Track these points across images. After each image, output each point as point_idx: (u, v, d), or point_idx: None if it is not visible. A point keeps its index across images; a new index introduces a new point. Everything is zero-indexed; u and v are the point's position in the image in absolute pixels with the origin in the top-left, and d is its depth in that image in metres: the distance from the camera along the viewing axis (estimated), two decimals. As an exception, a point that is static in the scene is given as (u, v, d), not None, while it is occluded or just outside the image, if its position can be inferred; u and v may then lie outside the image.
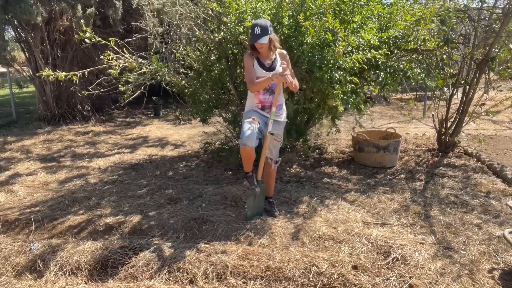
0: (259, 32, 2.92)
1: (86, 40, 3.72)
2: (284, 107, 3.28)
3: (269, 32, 2.96)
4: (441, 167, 4.58)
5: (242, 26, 3.76)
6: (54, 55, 7.95)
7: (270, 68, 3.08)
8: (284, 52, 3.19)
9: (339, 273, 2.39)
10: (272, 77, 2.95)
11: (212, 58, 4.54)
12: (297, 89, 3.16)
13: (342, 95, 3.69)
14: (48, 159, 5.48)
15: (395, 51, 4.33)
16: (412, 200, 3.65)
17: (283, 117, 3.25)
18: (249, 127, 2.98)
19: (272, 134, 3.12)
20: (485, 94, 4.95)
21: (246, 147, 2.96)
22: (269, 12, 3.82)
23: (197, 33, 4.48)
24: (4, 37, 7.34)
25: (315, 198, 3.67)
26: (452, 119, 4.97)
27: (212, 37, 4.14)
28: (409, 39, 4.20)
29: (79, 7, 7.19)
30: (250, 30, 3.05)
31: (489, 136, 6.15)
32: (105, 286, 2.41)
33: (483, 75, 4.77)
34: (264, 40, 2.94)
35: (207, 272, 2.47)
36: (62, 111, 8.24)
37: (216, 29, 4.27)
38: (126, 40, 4.89)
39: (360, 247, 2.72)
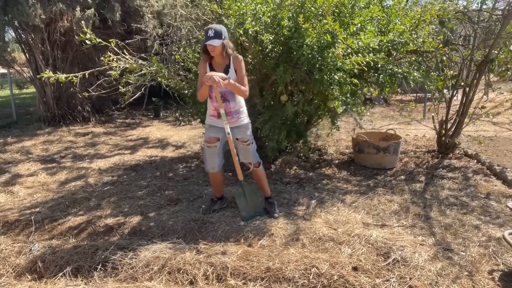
0: (212, 35, 2.93)
1: (87, 41, 3.73)
2: (243, 110, 3.24)
3: (223, 37, 2.98)
4: (441, 169, 4.59)
5: (242, 28, 3.77)
6: (54, 56, 7.96)
7: None
8: (239, 56, 3.13)
9: (339, 274, 2.39)
10: (203, 79, 2.97)
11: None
12: (246, 96, 3.14)
13: (341, 97, 3.70)
14: (48, 160, 5.48)
15: (394, 54, 4.33)
16: (412, 202, 3.65)
17: (241, 120, 3.23)
18: (208, 152, 3.26)
19: (234, 136, 3.18)
20: (484, 96, 4.96)
21: (210, 172, 3.35)
22: (269, 14, 3.82)
23: (197, 34, 4.49)
24: (4, 38, 7.35)
25: (315, 199, 3.68)
26: (452, 121, 4.97)
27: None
28: (408, 41, 4.20)
29: (78, 8, 7.21)
30: (204, 34, 3.06)
31: (489, 138, 6.15)
32: (105, 287, 2.41)
33: (483, 77, 4.78)
34: (215, 43, 2.94)
35: (207, 273, 2.47)
36: (62, 112, 8.25)
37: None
38: (127, 41, 4.89)
39: (360, 248, 2.72)
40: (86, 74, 3.88)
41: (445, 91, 5.04)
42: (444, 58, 4.72)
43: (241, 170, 3.30)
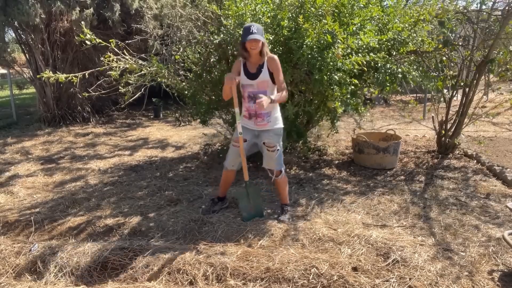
0: (255, 31, 2.89)
1: (87, 42, 3.73)
2: (275, 114, 3.15)
3: (263, 35, 2.95)
4: (440, 169, 4.59)
5: (242, 29, 3.77)
6: (54, 57, 7.96)
7: (253, 75, 3.03)
8: (274, 56, 3.07)
9: (339, 275, 2.39)
10: (225, 80, 2.98)
11: (212, 60, 4.55)
12: (284, 100, 3.08)
13: (341, 97, 3.70)
14: (48, 161, 5.48)
15: (394, 53, 4.34)
16: (411, 202, 3.65)
17: (271, 124, 3.13)
18: (232, 150, 3.24)
19: (261, 140, 3.15)
20: (484, 96, 4.96)
21: (227, 169, 3.32)
22: (269, 14, 3.83)
23: (196, 35, 4.49)
24: (4, 38, 7.35)
25: (315, 200, 3.68)
26: (452, 121, 4.97)
27: (212, 39, 4.15)
28: (407, 40, 4.21)
29: (77, 8, 7.21)
30: (242, 32, 2.99)
31: (489, 138, 6.16)
32: (105, 287, 2.41)
33: (483, 77, 4.78)
34: (259, 37, 2.89)
35: (207, 274, 2.47)
36: (62, 112, 8.25)
37: (216, 31, 4.28)
38: (127, 41, 4.90)
39: (360, 248, 2.72)
40: (86, 74, 3.88)
41: (445, 91, 5.04)
42: (444, 58, 4.72)
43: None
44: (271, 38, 3.73)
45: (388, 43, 4.05)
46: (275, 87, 3.07)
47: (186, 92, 4.62)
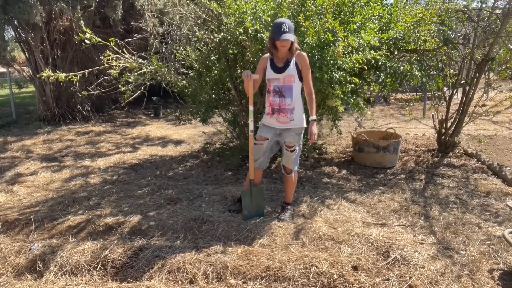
0: (287, 30, 2.86)
1: (86, 41, 3.72)
2: (299, 112, 3.11)
3: (293, 32, 2.94)
4: (441, 167, 4.59)
5: (242, 27, 3.77)
6: (54, 55, 7.95)
7: (281, 69, 3.02)
8: (304, 54, 3.05)
9: (339, 274, 2.39)
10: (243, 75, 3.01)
11: (212, 58, 4.54)
12: (311, 94, 3.11)
13: (342, 96, 3.69)
14: (48, 159, 5.48)
15: (395, 52, 4.33)
16: (412, 200, 3.65)
17: (294, 123, 3.10)
18: (255, 148, 3.19)
19: (282, 139, 3.16)
20: (484, 95, 4.95)
21: (256, 169, 3.26)
22: (269, 12, 3.82)
23: (197, 33, 4.48)
24: (4, 37, 7.34)
25: (315, 198, 3.67)
26: (452, 120, 4.97)
27: (212, 37, 4.15)
28: (409, 40, 4.20)
29: (78, 7, 7.20)
30: (273, 28, 2.94)
31: (489, 137, 6.15)
32: (105, 286, 2.41)
33: (483, 75, 4.77)
34: (291, 37, 2.87)
35: (207, 273, 2.47)
36: (62, 111, 8.25)
37: (216, 29, 4.27)
38: (126, 40, 4.89)
39: (360, 247, 2.72)
40: (86, 73, 3.87)
41: (445, 89, 5.04)
42: (444, 57, 4.71)
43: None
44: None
45: (390, 42, 4.04)
46: (301, 84, 3.09)
47: (186, 90, 4.61)
